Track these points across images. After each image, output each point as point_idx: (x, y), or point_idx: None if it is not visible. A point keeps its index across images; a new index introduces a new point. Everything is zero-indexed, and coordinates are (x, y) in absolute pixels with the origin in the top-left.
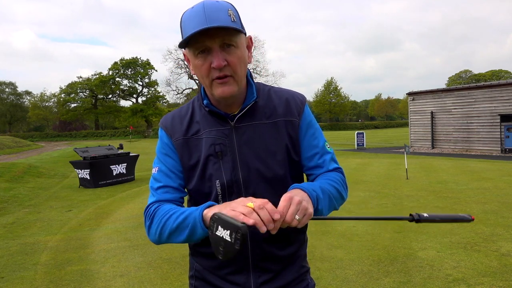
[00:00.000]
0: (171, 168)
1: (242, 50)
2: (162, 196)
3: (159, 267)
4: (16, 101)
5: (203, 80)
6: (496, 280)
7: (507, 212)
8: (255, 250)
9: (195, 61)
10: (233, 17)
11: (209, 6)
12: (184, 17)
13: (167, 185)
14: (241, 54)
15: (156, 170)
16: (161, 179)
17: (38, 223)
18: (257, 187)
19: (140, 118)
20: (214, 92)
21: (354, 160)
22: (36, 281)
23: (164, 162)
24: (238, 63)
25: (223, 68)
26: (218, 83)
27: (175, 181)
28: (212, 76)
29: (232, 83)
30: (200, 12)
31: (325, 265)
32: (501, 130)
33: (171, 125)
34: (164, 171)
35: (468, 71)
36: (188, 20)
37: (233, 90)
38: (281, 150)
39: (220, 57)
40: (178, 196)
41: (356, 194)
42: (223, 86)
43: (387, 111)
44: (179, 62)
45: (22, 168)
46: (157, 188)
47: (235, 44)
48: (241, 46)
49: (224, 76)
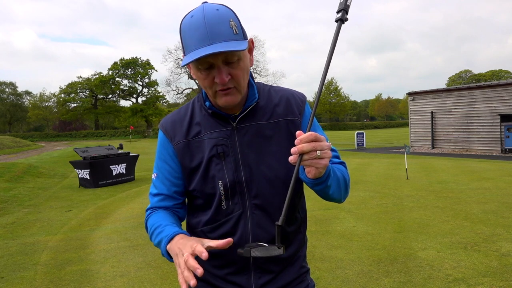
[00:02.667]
0: (167, 176)
1: (245, 60)
2: (156, 204)
3: (159, 267)
4: (16, 101)
5: (206, 90)
6: (496, 280)
7: (507, 212)
8: None
9: (198, 73)
10: (235, 29)
11: (209, 17)
12: (183, 27)
13: (162, 193)
14: (244, 65)
15: (155, 176)
16: (158, 186)
17: (38, 223)
18: (259, 187)
19: (140, 118)
20: (218, 101)
21: (354, 160)
22: (36, 281)
23: (161, 169)
24: (241, 75)
25: (227, 82)
26: (222, 94)
27: (170, 189)
28: (215, 88)
29: (235, 93)
30: (200, 24)
31: (325, 265)
32: (501, 130)
33: (171, 128)
34: (161, 178)
35: (468, 71)
36: (188, 32)
37: (236, 99)
38: (283, 150)
39: (224, 74)
40: (172, 203)
41: (356, 194)
42: (226, 96)
43: (387, 111)
44: (179, 62)
45: (22, 168)
46: (154, 195)
47: (238, 57)
48: (244, 57)
49: (227, 88)
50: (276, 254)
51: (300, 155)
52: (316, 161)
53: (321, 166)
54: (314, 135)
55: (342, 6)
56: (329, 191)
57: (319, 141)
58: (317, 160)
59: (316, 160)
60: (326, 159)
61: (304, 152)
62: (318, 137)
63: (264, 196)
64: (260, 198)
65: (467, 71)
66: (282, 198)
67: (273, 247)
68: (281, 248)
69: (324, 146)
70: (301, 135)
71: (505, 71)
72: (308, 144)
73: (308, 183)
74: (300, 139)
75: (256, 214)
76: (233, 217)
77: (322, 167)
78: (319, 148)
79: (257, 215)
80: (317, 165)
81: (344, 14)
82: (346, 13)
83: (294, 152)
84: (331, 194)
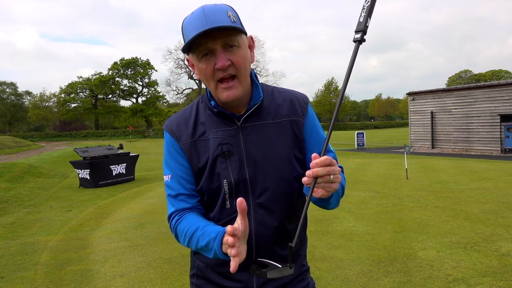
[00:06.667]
0: (182, 175)
1: (244, 49)
2: (179, 205)
3: (159, 267)
4: (16, 101)
5: (208, 83)
6: (496, 280)
7: (507, 212)
8: (261, 250)
9: (199, 64)
10: (233, 18)
11: (208, 9)
12: (185, 23)
13: (181, 193)
14: (244, 53)
15: (169, 177)
16: (174, 187)
17: (38, 223)
18: (263, 186)
19: (140, 118)
20: (220, 96)
21: (354, 160)
22: (36, 281)
23: (174, 169)
24: (242, 62)
25: (227, 68)
26: (223, 88)
27: (188, 187)
28: (217, 77)
29: (236, 86)
30: (200, 15)
31: (325, 265)
32: (501, 130)
33: (176, 128)
34: (176, 179)
35: (468, 71)
36: (189, 25)
37: (238, 93)
38: (286, 149)
39: (224, 58)
40: (194, 201)
41: (356, 194)
42: (228, 91)
43: (387, 111)
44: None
45: (22, 168)
46: (173, 197)
47: (237, 44)
48: (243, 46)
49: (228, 75)
50: (288, 274)
51: (314, 178)
52: (328, 185)
53: (332, 189)
54: (330, 159)
55: (361, 26)
56: (328, 206)
57: (333, 165)
58: (329, 184)
59: (328, 184)
60: (337, 183)
61: (318, 176)
62: (332, 162)
63: (268, 195)
64: (263, 197)
65: (467, 71)
66: (285, 197)
67: (286, 268)
68: (292, 268)
69: (336, 170)
70: (316, 158)
71: (505, 71)
72: (323, 169)
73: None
74: (315, 163)
75: (260, 213)
76: (236, 216)
77: (332, 190)
78: (332, 172)
79: (260, 214)
80: (328, 188)
81: (363, 35)
82: (365, 34)
83: (309, 175)
84: (329, 207)
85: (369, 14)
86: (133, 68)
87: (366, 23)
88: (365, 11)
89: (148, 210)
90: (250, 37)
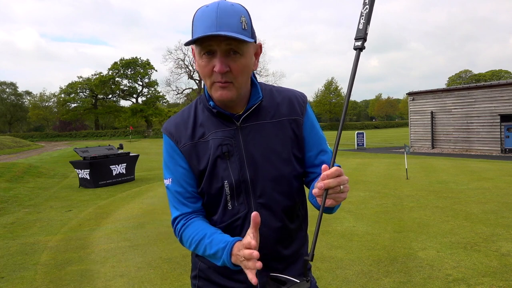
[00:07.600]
0: (183, 178)
1: (247, 58)
2: (183, 209)
3: (159, 267)
4: (16, 101)
5: (205, 80)
6: (496, 280)
7: (507, 212)
8: (263, 250)
9: (200, 60)
10: (245, 25)
11: (222, 9)
12: (196, 15)
13: (184, 196)
14: (245, 62)
15: (170, 181)
16: (176, 190)
17: (38, 223)
18: (264, 186)
19: (140, 118)
20: (214, 94)
21: (354, 160)
22: (36, 281)
23: (175, 173)
24: (240, 71)
25: (225, 74)
26: (218, 86)
27: (189, 190)
28: (213, 79)
29: (231, 89)
30: (212, 13)
31: (325, 265)
32: (501, 130)
33: (175, 131)
34: (177, 182)
35: (468, 71)
36: (200, 19)
37: (231, 95)
38: (286, 149)
39: (223, 63)
40: (197, 204)
41: (356, 194)
42: (222, 90)
43: (387, 111)
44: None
45: (22, 168)
46: (176, 200)
47: (241, 52)
48: (247, 55)
49: (224, 81)
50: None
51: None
52: (337, 195)
53: (341, 199)
54: (339, 170)
55: (361, 34)
56: (332, 212)
57: (342, 176)
58: (338, 194)
59: (338, 194)
60: (346, 193)
61: (329, 188)
62: (342, 172)
63: (269, 195)
64: (264, 197)
65: (467, 71)
66: (286, 197)
67: (303, 282)
68: (309, 282)
69: (345, 180)
70: (326, 169)
71: (505, 71)
72: (334, 180)
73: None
74: (326, 175)
75: (261, 213)
76: (239, 218)
77: (341, 200)
78: (342, 183)
79: (262, 214)
80: (337, 198)
81: (363, 42)
82: (365, 41)
83: (321, 187)
84: (332, 212)
85: (368, 21)
86: (133, 68)
87: (366, 30)
88: (364, 18)
89: (148, 210)
90: (259, 45)
